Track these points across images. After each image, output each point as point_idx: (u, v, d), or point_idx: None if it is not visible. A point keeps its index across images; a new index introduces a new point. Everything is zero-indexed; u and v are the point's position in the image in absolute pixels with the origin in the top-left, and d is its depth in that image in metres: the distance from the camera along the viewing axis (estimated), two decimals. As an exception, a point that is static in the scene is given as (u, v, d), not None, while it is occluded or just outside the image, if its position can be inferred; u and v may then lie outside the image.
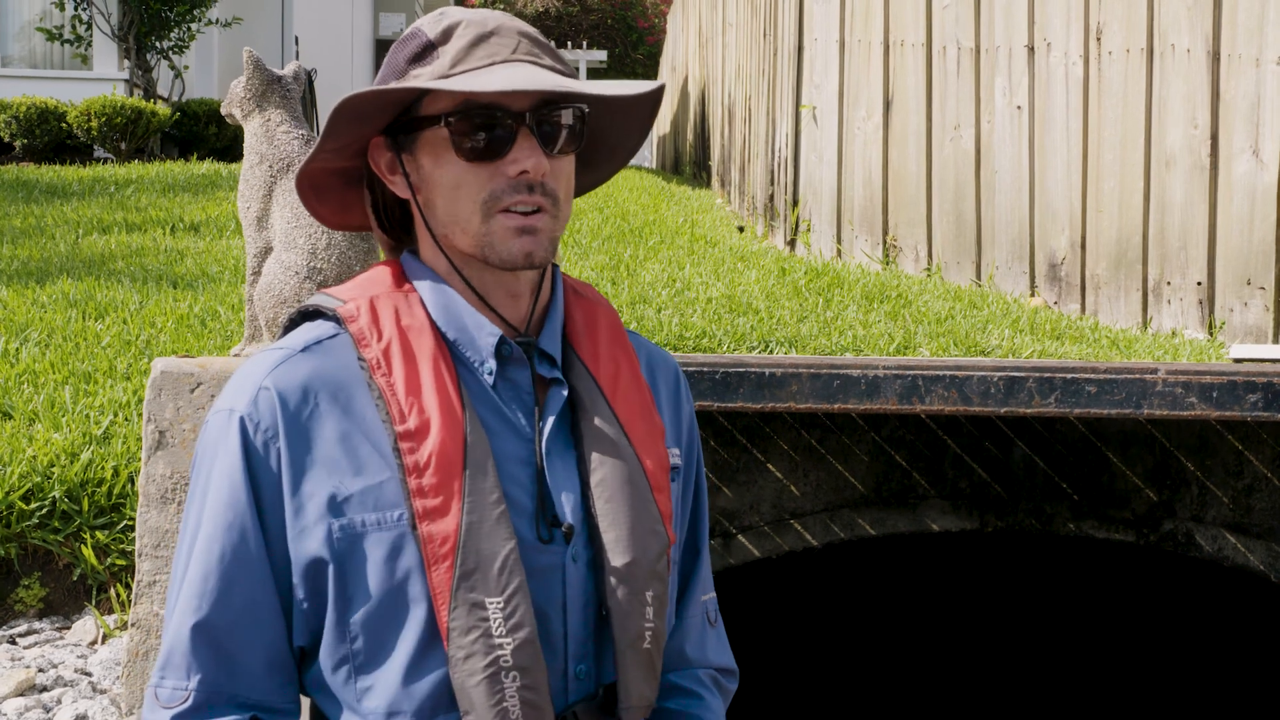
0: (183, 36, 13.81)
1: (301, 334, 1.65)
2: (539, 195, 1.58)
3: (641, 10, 23.02)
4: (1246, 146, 5.85)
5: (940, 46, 6.74)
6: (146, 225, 7.66)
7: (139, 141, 12.41)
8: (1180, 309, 6.02)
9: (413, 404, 1.56)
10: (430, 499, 1.54)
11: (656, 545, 1.61)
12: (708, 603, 1.79)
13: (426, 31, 1.62)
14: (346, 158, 1.67)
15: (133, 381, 4.67)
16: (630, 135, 1.72)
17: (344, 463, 1.56)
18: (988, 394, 3.47)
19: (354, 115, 1.60)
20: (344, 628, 1.57)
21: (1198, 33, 5.96)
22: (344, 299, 1.64)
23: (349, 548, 1.55)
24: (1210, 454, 4.56)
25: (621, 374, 1.68)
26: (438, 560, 1.53)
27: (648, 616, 1.60)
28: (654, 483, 1.64)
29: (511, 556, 1.54)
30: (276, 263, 3.41)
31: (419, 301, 1.63)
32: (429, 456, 1.55)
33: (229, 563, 1.57)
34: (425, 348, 1.60)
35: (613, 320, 1.73)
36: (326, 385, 1.59)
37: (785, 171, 7.31)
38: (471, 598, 1.53)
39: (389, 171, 1.65)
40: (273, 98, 3.49)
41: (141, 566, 3.32)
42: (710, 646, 1.79)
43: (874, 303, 5.68)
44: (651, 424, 1.67)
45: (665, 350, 1.81)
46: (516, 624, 1.53)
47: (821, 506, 4.53)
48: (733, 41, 9.90)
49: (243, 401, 1.59)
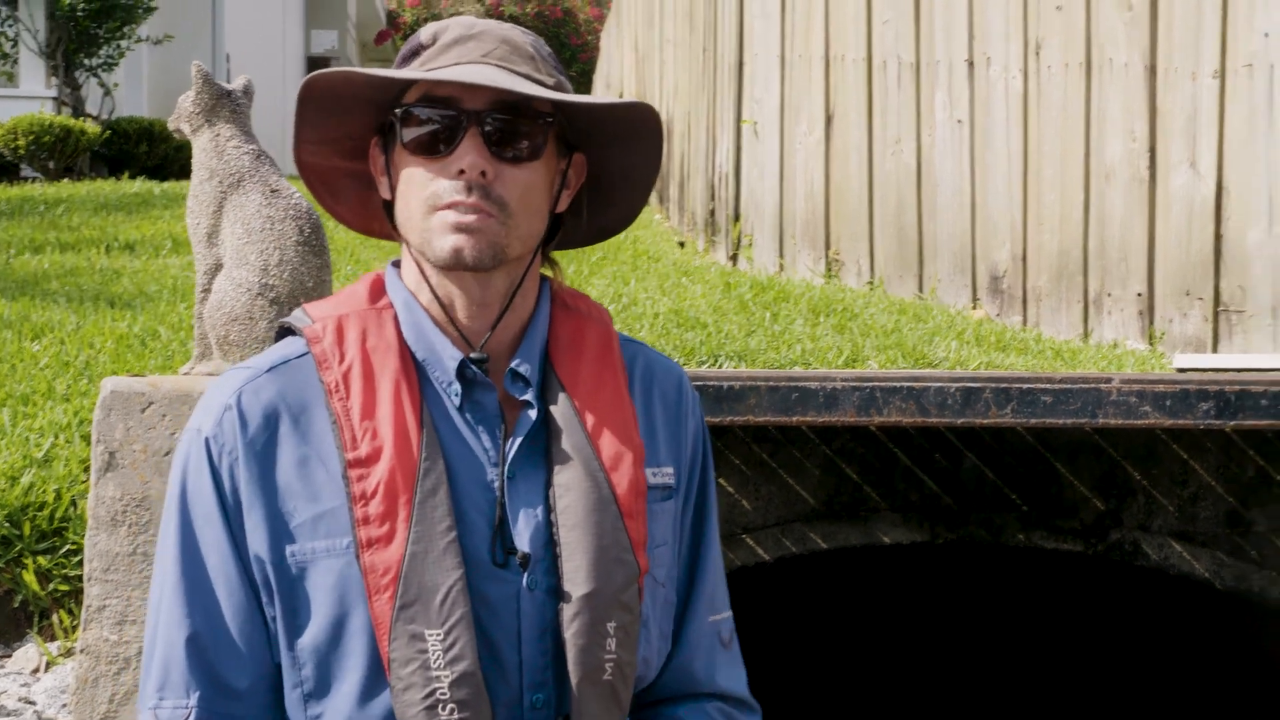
0: (112, 54, 13.65)
1: (271, 353, 1.64)
2: (478, 198, 1.55)
3: (574, 28, 23.03)
4: (1184, 159, 5.92)
5: (881, 61, 6.78)
6: (80, 245, 7.55)
7: (68, 160, 12.24)
8: (1121, 320, 6.07)
9: (366, 430, 1.55)
10: (375, 528, 1.53)
11: (623, 574, 1.58)
12: (720, 623, 1.74)
13: (421, 36, 1.64)
14: (350, 157, 1.67)
15: (73, 403, 4.58)
16: (637, 164, 1.68)
17: (299, 488, 1.56)
18: (945, 405, 3.48)
19: (324, 106, 1.61)
20: (293, 654, 1.56)
21: (1135, 47, 6.03)
22: (314, 317, 1.62)
23: (299, 573, 1.55)
24: (1156, 463, 4.60)
25: (602, 394, 1.64)
26: (380, 590, 1.53)
27: (608, 648, 1.57)
28: (625, 509, 1.60)
29: (456, 587, 1.52)
30: (227, 279, 3.36)
31: (392, 319, 1.62)
32: (376, 484, 1.54)
33: (215, 580, 1.57)
34: (389, 369, 1.58)
35: (601, 334, 1.68)
36: (290, 408, 1.58)
37: (726, 187, 7.32)
38: (411, 629, 1.52)
39: (379, 174, 1.65)
40: (222, 112, 3.44)
41: (90, 591, 3.25)
42: (721, 670, 1.73)
43: (820, 316, 5.69)
44: (629, 445, 1.63)
45: (670, 360, 1.76)
46: (456, 656, 1.52)
47: (773, 520, 4.52)
48: (671, 58, 9.92)
49: (209, 422, 1.59)
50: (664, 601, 1.68)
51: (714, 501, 1.76)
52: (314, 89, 1.60)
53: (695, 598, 1.72)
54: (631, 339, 1.74)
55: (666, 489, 1.68)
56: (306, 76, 1.60)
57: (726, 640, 1.75)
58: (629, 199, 1.72)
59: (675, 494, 1.69)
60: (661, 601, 1.67)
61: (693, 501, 1.73)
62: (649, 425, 1.68)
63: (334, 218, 1.73)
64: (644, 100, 9.35)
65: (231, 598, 1.57)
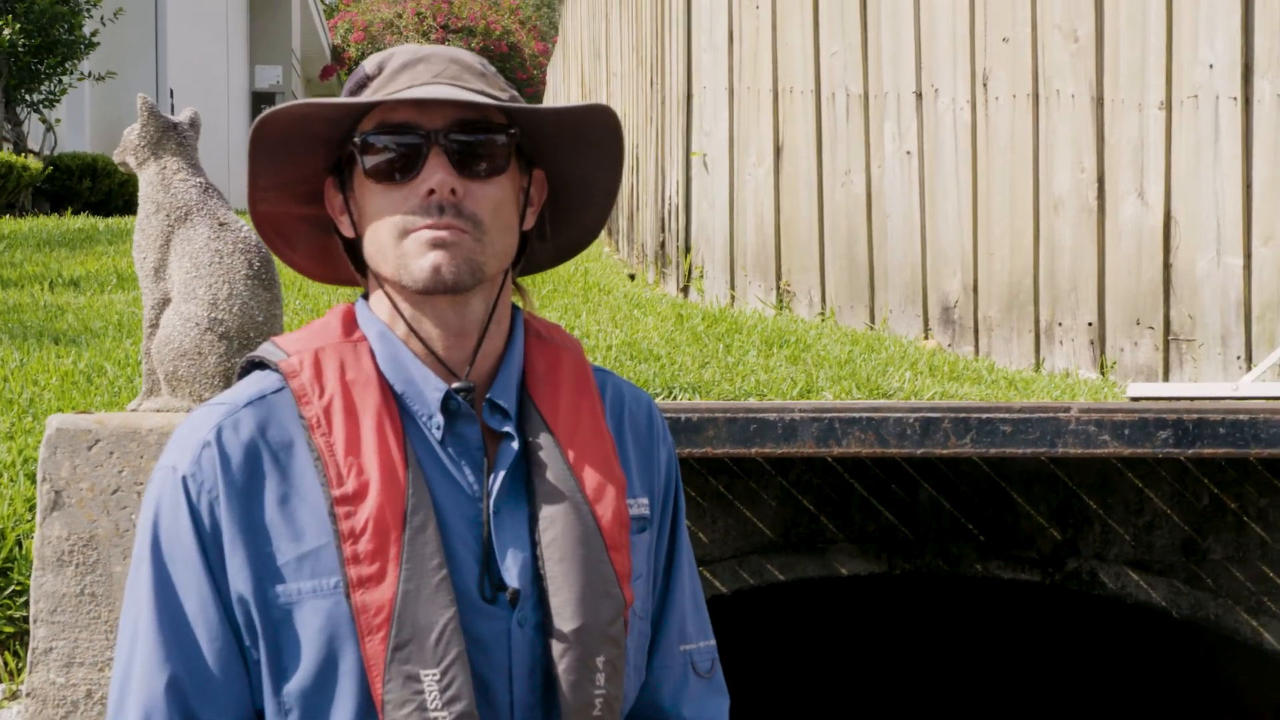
0: (54, 90, 13.52)
1: (246, 387, 1.59)
2: (450, 217, 1.53)
3: (520, 62, 23.07)
4: (1132, 189, 5.96)
5: (829, 93, 6.80)
6: (23, 281, 7.44)
7: (9, 196, 12.10)
8: (1072, 349, 6.10)
9: (351, 465, 1.52)
10: (365, 566, 1.49)
11: (610, 608, 1.55)
12: (693, 652, 1.71)
13: (366, 67, 1.61)
14: (304, 202, 1.63)
15: (16, 441, 4.49)
16: (599, 172, 1.66)
17: (282, 527, 1.52)
18: (904, 435, 3.46)
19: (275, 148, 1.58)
20: (279, 699, 1.52)
21: (1082, 78, 6.07)
22: (288, 351, 1.59)
23: (284, 615, 1.51)
24: (1111, 492, 4.60)
25: (581, 425, 1.61)
26: (372, 630, 1.49)
27: (598, 683, 1.54)
28: (610, 541, 1.57)
29: (450, 625, 1.49)
30: (176, 314, 3.30)
31: (368, 351, 1.58)
32: (365, 521, 1.50)
33: (194, 624, 1.53)
34: (370, 403, 1.55)
35: (577, 365, 1.66)
36: (269, 444, 1.54)
37: (676, 219, 7.31)
38: (406, 669, 1.48)
39: (338, 213, 1.62)
40: (169, 144, 3.39)
41: (36, 633, 3.17)
42: (694, 701, 1.70)
43: (774, 347, 5.68)
44: (611, 478, 1.60)
45: (637, 387, 1.74)
46: (453, 696, 1.48)
47: (730, 553, 4.49)
48: (617, 91, 9.92)
49: (186, 460, 1.54)
50: (640, 634, 1.65)
51: (685, 530, 1.73)
52: (267, 128, 1.57)
53: (664, 628, 1.69)
54: (601, 368, 1.72)
55: (643, 520, 1.65)
56: (261, 114, 1.57)
57: (704, 670, 1.71)
58: (591, 213, 1.70)
59: (650, 525, 1.66)
60: (638, 634, 1.64)
61: (666, 531, 1.70)
62: (623, 456, 1.66)
63: (293, 268, 1.70)
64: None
65: (213, 643, 1.52)
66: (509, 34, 23.23)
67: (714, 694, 1.72)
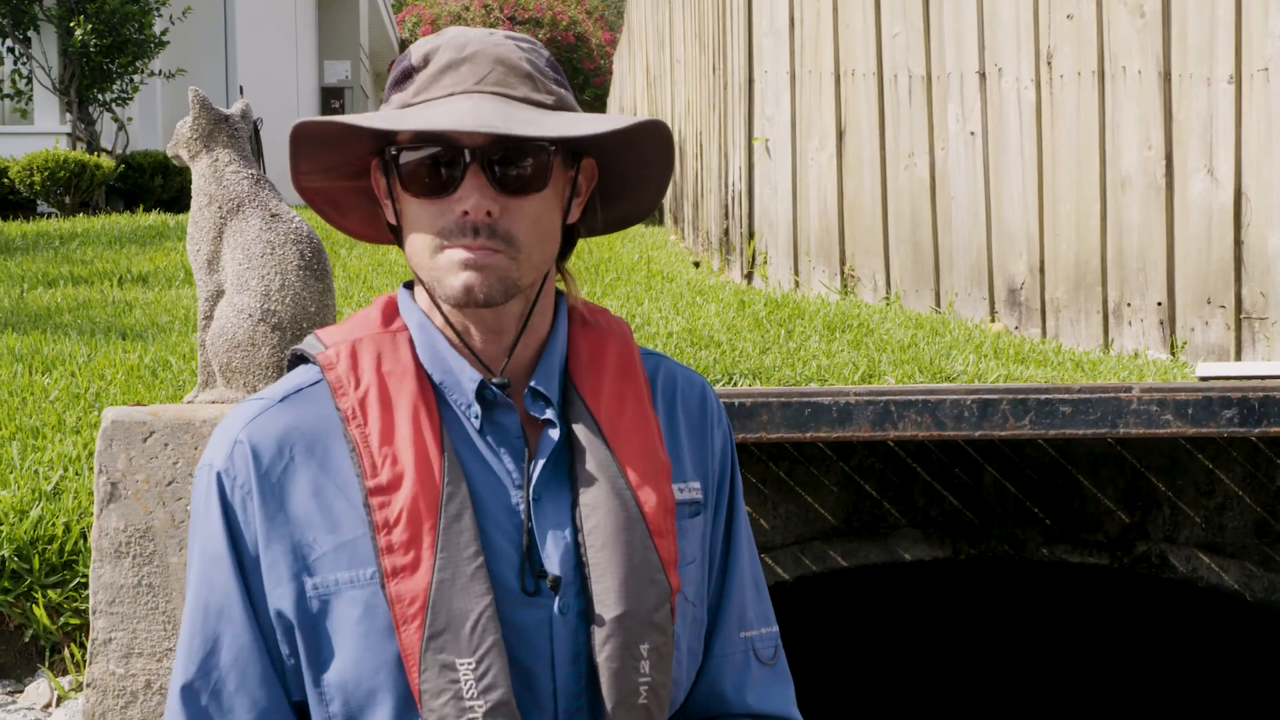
0: (125, 89, 13.69)
1: (284, 382, 1.60)
2: (484, 238, 1.51)
3: (587, 52, 23.06)
4: (1201, 166, 5.84)
5: (891, 75, 6.73)
6: (93, 278, 7.54)
7: (83, 195, 12.27)
8: (1141, 330, 6.00)
9: (386, 456, 1.51)
10: (400, 556, 1.49)
11: (655, 594, 1.53)
12: (754, 639, 1.67)
13: (411, 55, 1.58)
14: (353, 177, 1.63)
15: (82, 435, 4.55)
16: (647, 166, 1.63)
17: (318, 519, 1.52)
18: (961, 418, 3.41)
19: (315, 142, 1.57)
20: (320, 690, 1.52)
21: (1148, 54, 5.96)
22: (327, 343, 1.59)
23: (322, 607, 1.51)
24: (1181, 474, 4.52)
25: (626, 410, 1.59)
26: (407, 620, 1.48)
27: (643, 670, 1.52)
28: (654, 527, 1.55)
29: (486, 614, 1.48)
30: (229, 306, 3.32)
31: (407, 341, 1.58)
32: (399, 512, 1.50)
33: (215, 621, 1.54)
34: (406, 393, 1.54)
35: (624, 349, 1.63)
36: (304, 437, 1.54)
37: (740, 205, 7.27)
38: (442, 659, 1.47)
39: (382, 196, 1.60)
40: (220, 137, 3.40)
41: (96, 624, 3.20)
42: (757, 688, 1.67)
43: (836, 332, 5.63)
44: (655, 463, 1.58)
45: (692, 370, 1.71)
46: (489, 685, 1.47)
47: (792, 539, 4.46)
48: (681, 78, 9.89)
49: (220, 457, 1.55)
50: (694, 620, 1.62)
51: (743, 514, 1.70)
52: (303, 134, 1.58)
53: (724, 614, 1.66)
54: (652, 351, 1.69)
55: (695, 504, 1.62)
56: (294, 123, 1.56)
57: (767, 657, 1.68)
58: (647, 196, 1.68)
59: (704, 509, 1.64)
60: (692, 620, 1.62)
61: (722, 515, 1.67)
62: (674, 440, 1.63)
63: (342, 231, 1.70)
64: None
65: (236, 640, 1.53)
66: (575, 24, 23.23)
67: (777, 681, 1.69)
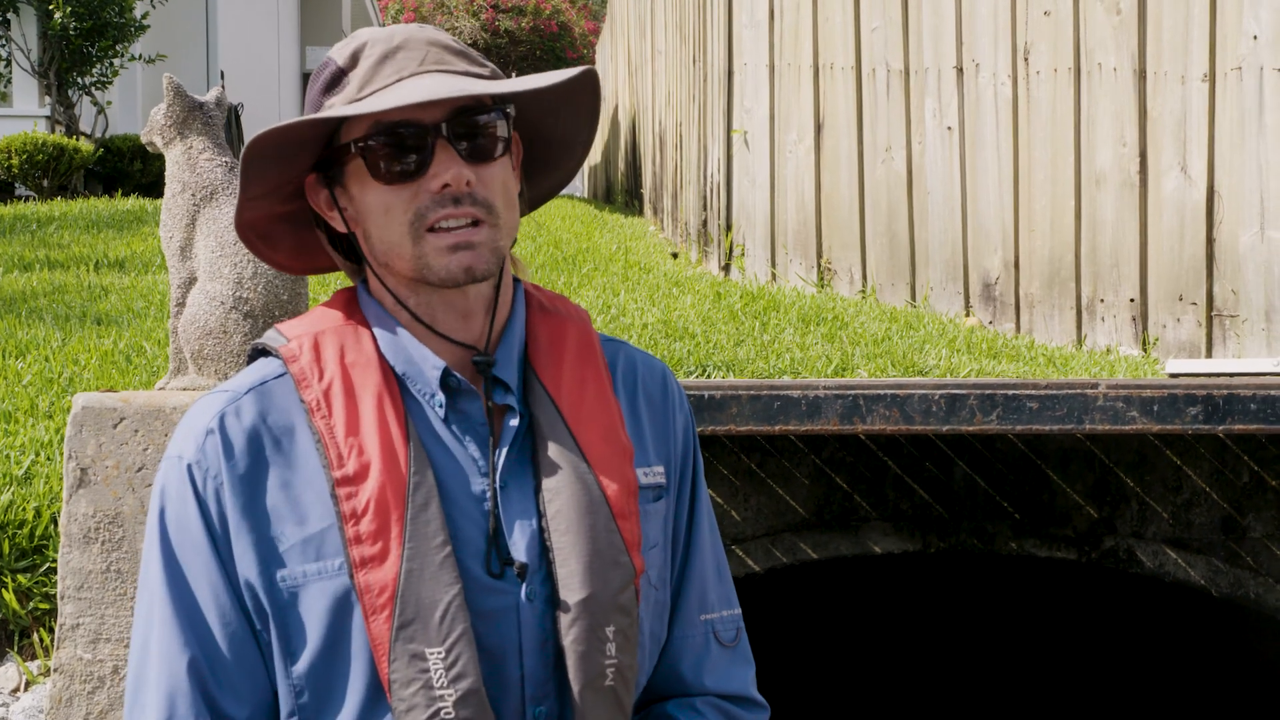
0: (105, 73, 13.64)
1: (248, 374, 1.61)
2: (468, 206, 1.53)
3: (570, 41, 23.05)
4: (1175, 163, 5.88)
5: (870, 69, 6.75)
6: (69, 263, 7.52)
7: (62, 179, 12.23)
8: (1114, 326, 6.03)
9: (352, 446, 1.52)
10: (368, 546, 1.50)
11: (619, 577, 1.55)
12: (715, 621, 1.69)
13: (335, 59, 1.58)
14: (285, 201, 1.63)
15: (55, 420, 4.55)
16: (580, 129, 1.66)
17: (286, 511, 1.53)
18: (929, 412, 3.43)
19: (268, 157, 1.57)
20: (290, 680, 1.53)
21: (1124, 51, 6.00)
22: (289, 336, 1.60)
23: (291, 598, 1.52)
24: (1149, 470, 4.56)
25: (586, 395, 1.61)
26: (376, 610, 1.49)
27: (609, 653, 1.54)
28: (617, 510, 1.57)
29: (455, 603, 1.49)
30: (201, 293, 3.32)
31: (368, 334, 1.59)
32: (367, 502, 1.51)
33: (207, 609, 1.54)
34: (370, 384, 1.55)
35: (582, 335, 1.65)
36: (271, 429, 1.55)
37: (718, 197, 7.29)
38: (411, 648, 1.48)
39: (327, 209, 1.61)
40: (194, 124, 3.40)
41: (64, 609, 3.21)
42: (715, 670, 1.68)
43: (810, 325, 5.66)
44: (616, 446, 1.60)
45: (652, 356, 1.73)
46: (459, 674, 1.49)
47: (763, 531, 4.48)
48: (662, 69, 9.89)
49: (190, 448, 1.56)
50: (657, 604, 1.64)
51: (705, 497, 1.71)
52: (262, 146, 1.56)
53: (685, 597, 1.68)
54: (612, 338, 1.71)
55: (658, 489, 1.64)
56: (251, 137, 1.56)
57: (728, 640, 1.69)
58: (570, 164, 1.70)
59: (666, 493, 1.65)
60: (654, 604, 1.63)
61: (685, 499, 1.69)
62: (635, 425, 1.65)
63: (272, 266, 1.71)
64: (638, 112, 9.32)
65: (226, 627, 1.54)
66: (559, 13, 23.21)
67: (738, 663, 1.70)
